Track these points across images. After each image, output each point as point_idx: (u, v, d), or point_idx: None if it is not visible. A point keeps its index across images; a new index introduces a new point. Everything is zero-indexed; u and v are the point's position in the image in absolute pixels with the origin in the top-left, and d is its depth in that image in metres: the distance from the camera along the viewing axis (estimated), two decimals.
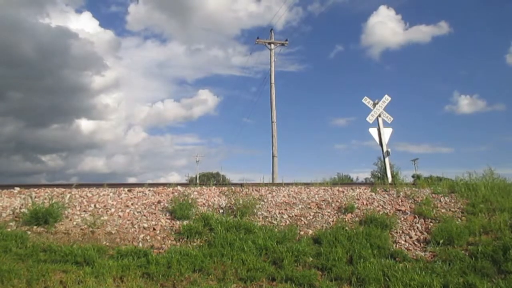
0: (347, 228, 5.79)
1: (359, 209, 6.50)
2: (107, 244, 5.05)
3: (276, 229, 5.68)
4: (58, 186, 6.76)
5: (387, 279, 4.64)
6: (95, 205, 5.93)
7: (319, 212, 6.38)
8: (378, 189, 7.37)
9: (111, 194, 6.41)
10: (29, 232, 5.07)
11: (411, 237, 5.82)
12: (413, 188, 7.43)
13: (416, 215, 6.37)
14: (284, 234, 5.49)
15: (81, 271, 4.34)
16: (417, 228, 6.05)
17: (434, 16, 73.63)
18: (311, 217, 6.24)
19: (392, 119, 10.33)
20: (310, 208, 6.52)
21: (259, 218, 6.08)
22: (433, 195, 7.16)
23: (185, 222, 5.65)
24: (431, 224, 6.11)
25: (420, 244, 5.67)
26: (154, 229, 5.52)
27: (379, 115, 10.38)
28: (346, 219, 6.19)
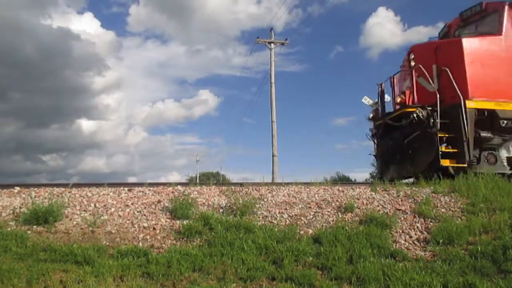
0: (347, 227, 5.79)
1: (359, 208, 6.50)
2: (107, 243, 5.05)
3: (276, 229, 5.68)
4: (58, 185, 6.75)
5: (387, 279, 4.64)
6: (95, 205, 5.93)
7: (319, 212, 6.37)
8: (378, 189, 7.38)
9: (111, 193, 6.40)
10: (29, 232, 5.07)
11: (411, 237, 5.82)
12: (413, 188, 7.43)
13: (416, 215, 6.37)
14: (284, 233, 5.49)
15: (81, 270, 4.33)
16: (417, 227, 6.05)
17: (433, 17, 73.69)
18: (311, 216, 6.24)
19: None
20: (310, 207, 6.52)
21: (259, 217, 6.07)
22: (433, 194, 7.16)
23: (185, 222, 5.64)
24: (431, 223, 6.11)
25: (420, 244, 5.67)
26: (154, 228, 5.52)
27: None
28: (346, 219, 6.19)
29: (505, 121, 8.61)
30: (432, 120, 8.47)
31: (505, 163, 8.76)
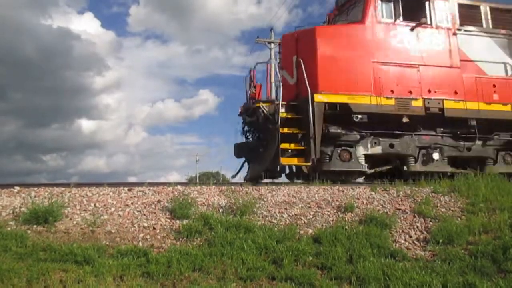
0: (347, 227, 5.79)
1: (359, 208, 6.50)
2: (107, 243, 5.04)
3: (276, 228, 5.68)
4: (58, 185, 6.75)
5: (387, 278, 4.64)
6: (95, 204, 5.93)
7: (319, 211, 6.37)
8: (378, 188, 7.37)
9: (111, 193, 6.40)
10: (29, 231, 5.07)
11: (411, 236, 5.82)
12: (413, 188, 7.42)
13: (416, 214, 6.37)
14: (284, 233, 5.49)
15: (81, 270, 4.33)
16: (417, 227, 6.05)
17: None
18: (311, 216, 6.23)
19: None
20: (310, 207, 6.51)
21: (259, 217, 6.07)
22: (433, 194, 7.16)
23: (185, 222, 5.64)
24: (431, 223, 6.11)
25: (420, 244, 5.67)
26: (154, 228, 5.52)
27: None
28: (346, 218, 6.19)
29: (360, 116, 8.02)
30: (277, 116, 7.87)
31: (362, 161, 8.21)
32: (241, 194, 6.73)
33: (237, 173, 9.33)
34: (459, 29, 9.00)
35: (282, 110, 8.00)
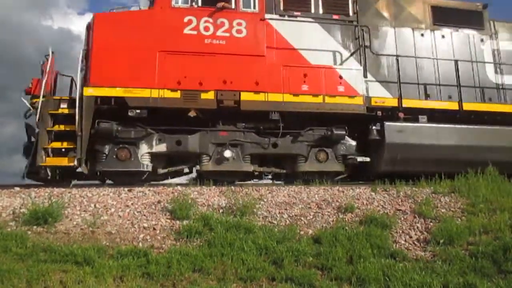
0: (347, 228, 5.79)
1: (359, 209, 6.49)
2: (107, 244, 5.05)
3: (276, 229, 5.67)
4: (58, 186, 6.75)
5: (387, 279, 4.64)
6: (95, 205, 5.93)
7: (319, 212, 6.37)
8: (378, 189, 7.36)
9: (111, 194, 6.40)
10: (29, 232, 5.07)
11: (411, 237, 5.82)
12: (413, 188, 7.42)
13: (416, 215, 6.36)
14: (284, 234, 5.49)
15: (81, 271, 4.33)
16: (417, 228, 6.05)
17: None
18: (311, 216, 6.23)
19: None
20: (310, 208, 6.51)
21: (259, 218, 6.07)
22: (433, 194, 7.15)
23: (185, 222, 5.64)
24: (431, 224, 6.11)
25: (420, 244, 5.67)
26: (154, 229, 5.52)
27: None
28: (346, 219, 6.18)
29: (138, 111, 7.25)
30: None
31: (146, 160, 7.49)
32: (241, 194, 6.72)
33: (24, 174, 8.08)
34: (283, 15, 8.13)
35: (64, 105, 7.43)
